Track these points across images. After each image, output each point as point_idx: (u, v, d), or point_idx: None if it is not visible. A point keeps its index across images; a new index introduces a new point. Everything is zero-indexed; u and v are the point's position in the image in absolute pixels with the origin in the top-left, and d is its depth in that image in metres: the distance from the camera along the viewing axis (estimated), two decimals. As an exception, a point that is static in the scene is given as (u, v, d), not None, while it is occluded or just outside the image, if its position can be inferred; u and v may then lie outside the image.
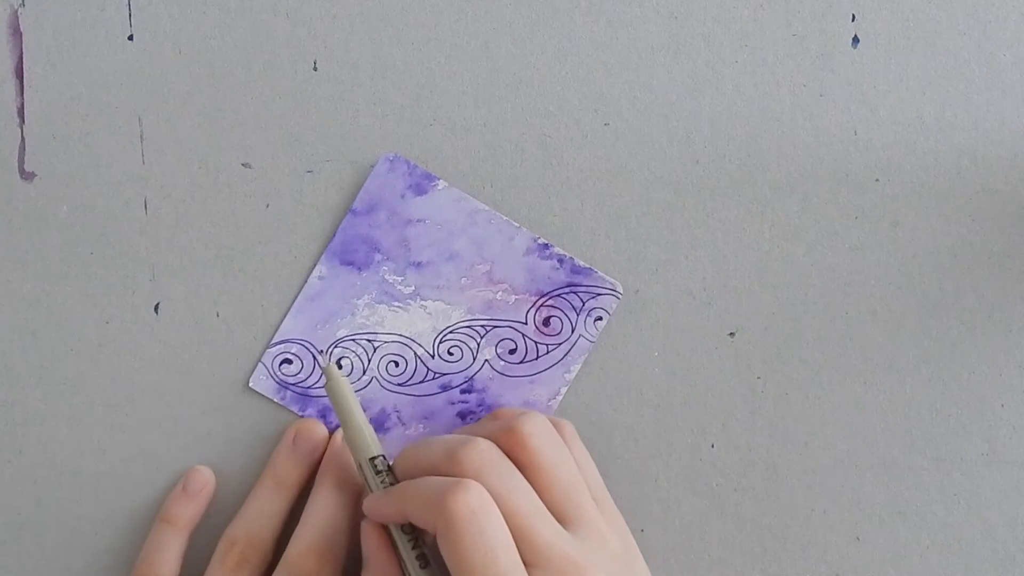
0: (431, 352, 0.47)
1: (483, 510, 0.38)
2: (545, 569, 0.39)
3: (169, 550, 0.45)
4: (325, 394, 0.47)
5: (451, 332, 0.47)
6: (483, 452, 0.41)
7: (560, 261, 0.47)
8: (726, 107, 0.48)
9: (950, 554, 0.47)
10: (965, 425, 0.47)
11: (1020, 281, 0.48)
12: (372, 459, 0.43)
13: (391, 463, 0.43)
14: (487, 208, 0.47)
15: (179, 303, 0.47)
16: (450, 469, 0.40)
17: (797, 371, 0.47)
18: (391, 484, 0.43)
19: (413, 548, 0.42)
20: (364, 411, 0.44)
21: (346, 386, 0.44)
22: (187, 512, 0.46)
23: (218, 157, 0.48)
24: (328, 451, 0.46)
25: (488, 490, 0.39)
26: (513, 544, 0.39)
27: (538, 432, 0.42)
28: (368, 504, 0.42)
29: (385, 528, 0.42)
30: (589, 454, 0.46)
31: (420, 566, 0.41)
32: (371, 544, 0.42)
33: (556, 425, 0.44)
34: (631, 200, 0.48)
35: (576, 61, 0.48)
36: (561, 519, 0.41)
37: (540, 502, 0.40)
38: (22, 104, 0.48)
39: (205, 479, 0.46)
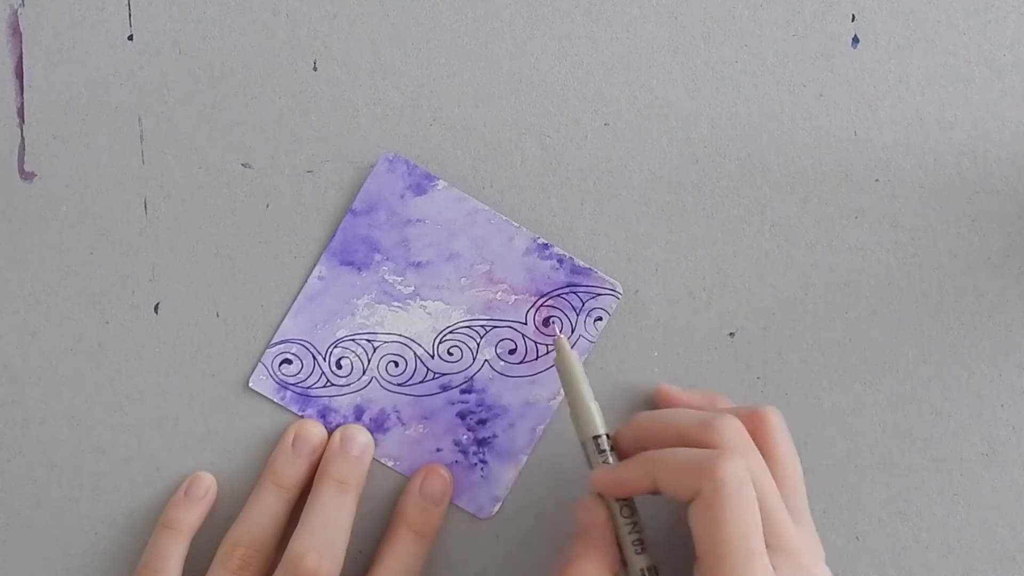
0: (431, 352, 0.47)
1: (748, 483, 0.39)
2: (785, 553, 0.39)
3: (171, 555, 0.45)
4: (329, 394, 0.47)
5: (451, 332, 0.47)
6: (739, 430, 0.41)
7: (560, 261, 0.47)
8: (726, 107, 0.48)
9: (950, 554, 0.47)
10: (965, 425, 0.47)
11: (1020, 281, 0.48)
12: (596, 438, 0.43)
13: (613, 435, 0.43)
14: (487, 208, 0.47)
15: (179, 303, 0.47)
16: (703, 438, 0.40)
17: (797, 371, 0.47)
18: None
19: (631, 532, 0.41)
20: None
21: (576, 361, 0.44)
22: (189, 518, 0.46)
23: (218, 157, 0.48)
24: (327, 451, 0.46)
25: None
26: (762, 523, 0.39)
27: (782, 426, 0.42)
28: (602, 474, 0.42)
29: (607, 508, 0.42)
30: None
31: (636, 552, 0.41)
32: (597, 519, 0.42)
33: None
34: (631, 200, 0.48)
35: (576, 61, 0.48)
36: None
37: (778, 491, 0.41)
38: (22, 104, 0.48)
39: (207, 485, 0.46)
